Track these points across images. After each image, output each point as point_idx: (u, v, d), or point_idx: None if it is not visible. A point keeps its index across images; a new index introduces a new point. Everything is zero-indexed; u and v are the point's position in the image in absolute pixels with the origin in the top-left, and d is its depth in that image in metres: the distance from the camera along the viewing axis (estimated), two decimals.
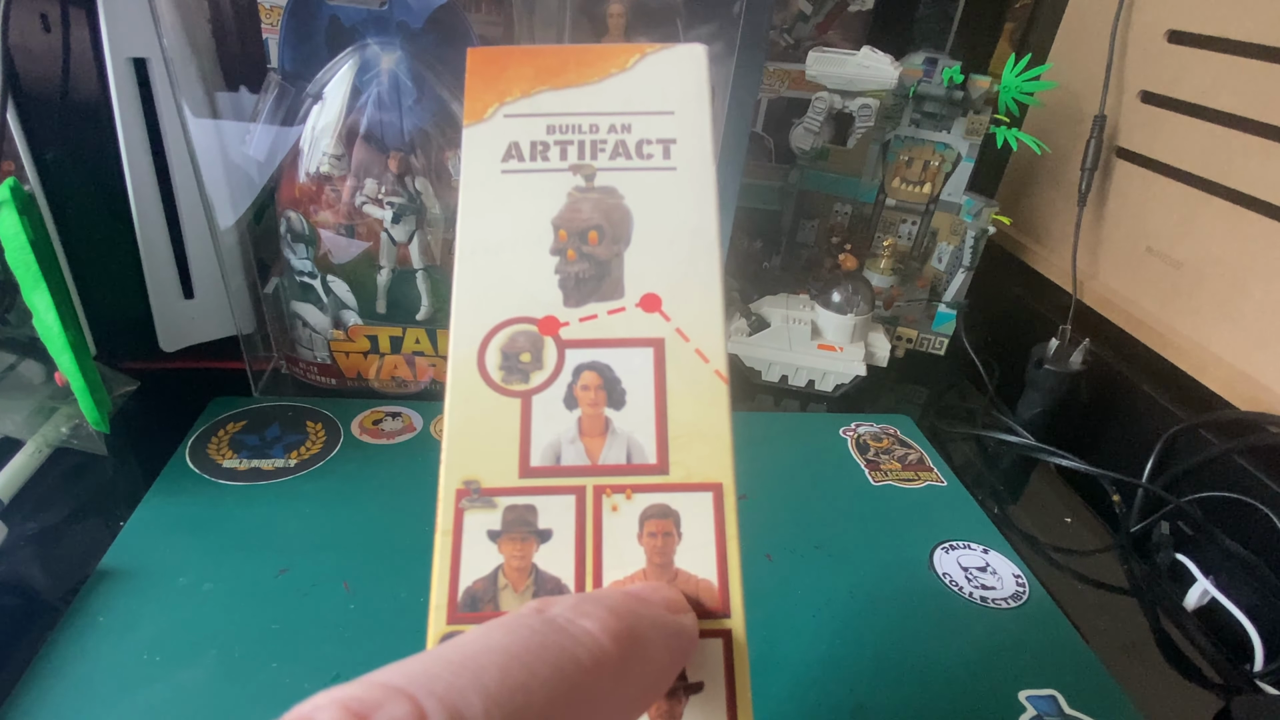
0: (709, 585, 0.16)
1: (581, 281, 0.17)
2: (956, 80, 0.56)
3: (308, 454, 0.45)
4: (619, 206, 0.18)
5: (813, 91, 0.60)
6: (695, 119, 0.19)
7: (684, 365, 0.17)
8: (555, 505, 0.16)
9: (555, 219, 0.18)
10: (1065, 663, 0.37)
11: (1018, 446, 0.55)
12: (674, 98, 0.19)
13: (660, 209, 0.18)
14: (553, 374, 0.17)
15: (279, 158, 0.45)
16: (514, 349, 0.17)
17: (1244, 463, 0.45)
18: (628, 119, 0.19)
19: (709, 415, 0.16)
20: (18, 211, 0.39)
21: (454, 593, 0.16)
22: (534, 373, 0.17)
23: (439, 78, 0.45)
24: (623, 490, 0.16)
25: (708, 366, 0.17)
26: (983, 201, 0.60)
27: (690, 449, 0.16)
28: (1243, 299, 0.49)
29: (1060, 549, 0.47)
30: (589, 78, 0.19)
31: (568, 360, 0.17)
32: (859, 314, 0.57)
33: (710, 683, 0.15)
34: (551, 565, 0.16)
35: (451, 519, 0.16)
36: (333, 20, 0.44)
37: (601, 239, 0.18)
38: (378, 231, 0.45)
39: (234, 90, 0.46)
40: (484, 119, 0.19)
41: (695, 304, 0.17)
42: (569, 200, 0.18)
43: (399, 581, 0.37)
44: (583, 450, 0.16)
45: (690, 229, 0.18)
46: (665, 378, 0.17)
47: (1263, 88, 0.48)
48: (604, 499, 0.16)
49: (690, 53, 0.19)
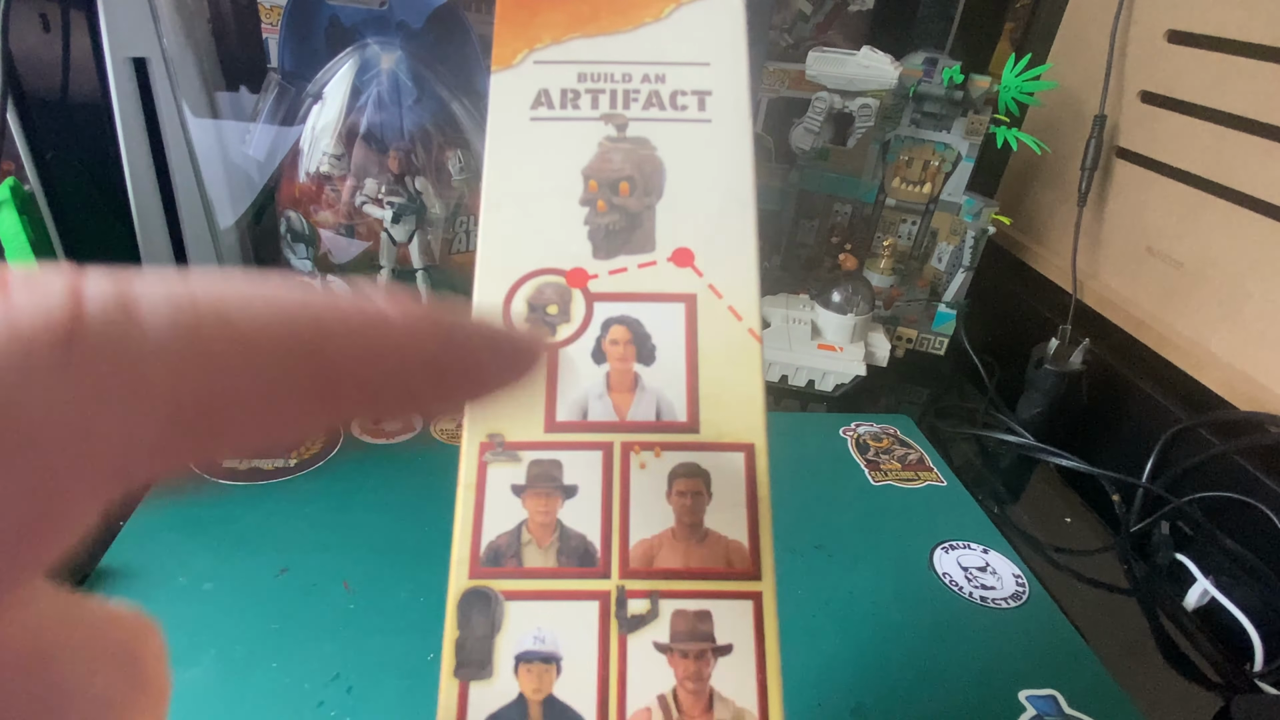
0: (739, 546, 0.16)
1: (612, 233, 0.17)
2: (956, 80, 0.56)
3: (308, 454, 0.45)
4: (651, 158, 0.17)
5: (813, 91, 0.60)
6: (732, 71, 0.18)
7: (716, 322, 0.16)
8: (581, 461, 0.16)
9: (585, 169, 0.17)
10: (1065, 663, 0.37)
11: (1018, 446, 0.55)
12: (710, 49, 0.18)
13: (694, 162, 0.17)
14: (581, 327, 0.16)
15: (279, 158, 0.45)
16: (541, 300, 0.16)
17: (1244, 463, 0.45)
18: (662, 69, 0.18)
19: (741, 374, 0.16)
20: (18, 211, 0.39)
21: (476, 547, 0.16)
22: (561, 325, 0.16)
23: (439, 78, 0.45)
24: (651, 448, 0.16)
25: (741, 325, 0.16)
26: (983, 201, 0.60)
27: (722, 408, 0.16)
28: (1243, 299, 0.49)
29: (1060, 549, 0.47)
30: (622, 25, 0.18)
31: (596, 313, 0.16)
32: (859, 314, 0.57)
33: (739, 645, 0.15)
34: (577, 522, 0.16)
35: (475, 473, 0.16)
36: (333, 20, 0.44)
37: (633, 190, 0.17)
38: (378, 231, 0.45)
39: (234, 90, 0.46)
40: (513, 65, 0.18)
41: (729, 260, 0.17)
42: (600, 150, 0.17)
43: (399, 581, 0.37)
44: (611, 406, 0.16)
45: (725, 184, 0.17)
46: (697, 334, 0.16)
47: (1263, 88, 0.48)
48: (632, 456, 0.16)
49: (727, 4, 0.19)
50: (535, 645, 0.15)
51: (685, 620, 0.15)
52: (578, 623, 0.15)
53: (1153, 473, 0.50)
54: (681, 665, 0.15)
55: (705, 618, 0.15)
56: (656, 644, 0.15)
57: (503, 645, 0.15)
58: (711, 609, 0.15)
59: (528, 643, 0.15)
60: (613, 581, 0.16)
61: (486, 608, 0.15)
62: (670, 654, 0.15)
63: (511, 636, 0.15)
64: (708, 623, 0.15)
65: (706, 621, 0.15)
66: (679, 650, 0.15)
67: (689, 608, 0.15)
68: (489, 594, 0.15)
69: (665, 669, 0.15)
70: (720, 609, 0.16)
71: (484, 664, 0.15)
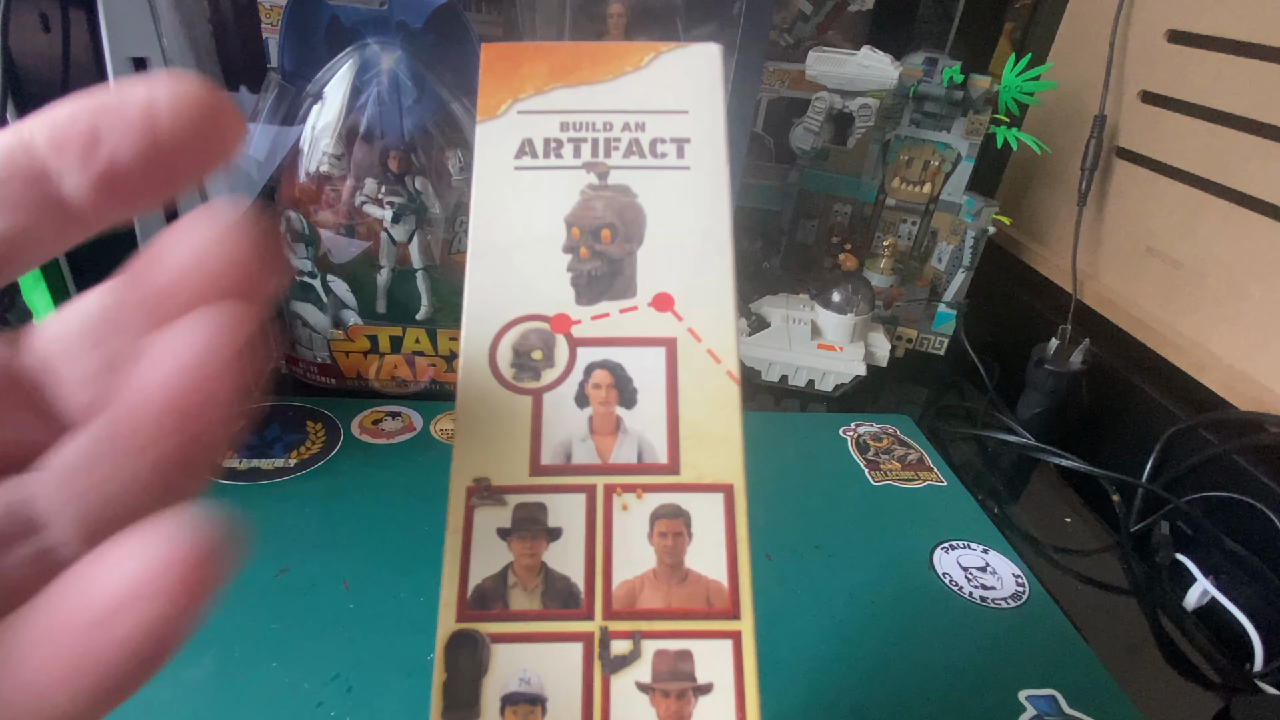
0: (719, 586, 0.16)
1: (594, 279, 0.17)
2: (956, 80, 0.56)
3: (307, 454, 0.45)
4: (632, 205, 0.18)
5: (813, 91, 0.60)
6: (709, 118, 0.19)
7: (696, 365, 0.17)
8: (566, 504, 0.16)
9: (568, 216, 0.18)
10: (1065, 663, 0.37)
11: (1018, 446, 0.55)
12: (688, 97, 0.19)
13: (673, 208, 0.18)
14: (564, 372, 0.17)
15: (279, 158, 0.45)
16: (525, 346, 0.17)
17: (1244, 463, 0.45)
18: (641, 117, 0.19)
19: (720, 416, 0.17)
20: None
21: (463, 590, 0.16)
22: (545, 370, 0.17)
23: (439, 78, 0.45)
24: (633, 489, 0.16)
25: (719, 367, 0.17)
26: (983, 201, 0.60)
27: (701, 449, 0.16)
28: (1243, 299, 0.49)
29: (1060, 549, 0.47)
30: (603, 75, 0.19)
31: (579, 358, 0.17)
32: (859, 314, 0.57)
33: (719, 684, 0.16)
34: (561, 564, 0.16)
35: (461, 516, 0.16)
36: (333, 20, 0.44)
37: (614, 237, 0.18)
38: (378, 231, 0.45)
39: (234, 90, 0.46)
40: (497, 115, 0.19)
41: (707, 305, 0.17)
42: (582, 198, 0.18)
43: (399, 581, 0.37)
44: (594, 449, 0.16)
45: (703, 229, 0.18)
46: (677, 377, 0.17)
47: (1263, 88, 0.48)
48: (614, 498, 0.16)
49: (705, 52, 0.19)
50: (521, 687, 0.15)
51: (666, 660, 0.16)
52: (562, 664, 0.16)
53: (1153, 473, 0.50)
54: (663, 704, 0.15)
55: (686, 657, 0.16)
56: (639, 684, 0.15)
57: (490, 687, 0.15)
58: (692, 648, 0.16)
59: (514, 685, 0.15)
60: (596, 623, 0.16)
61: (474, 651, 0.16)
62: (652, 693, 0.15)
63: (498, 679, 0.15)
64: (688, 662, 0.16)
65: (687, 661, 0.16)
66: (660, 690, 0.15)
67: (670, 647, 0.16)
68: (476, 637, 0.16)
69: (648, 709, 0.15)
70: (701, 648, 0.16)
71: (471, 705, 0.15)
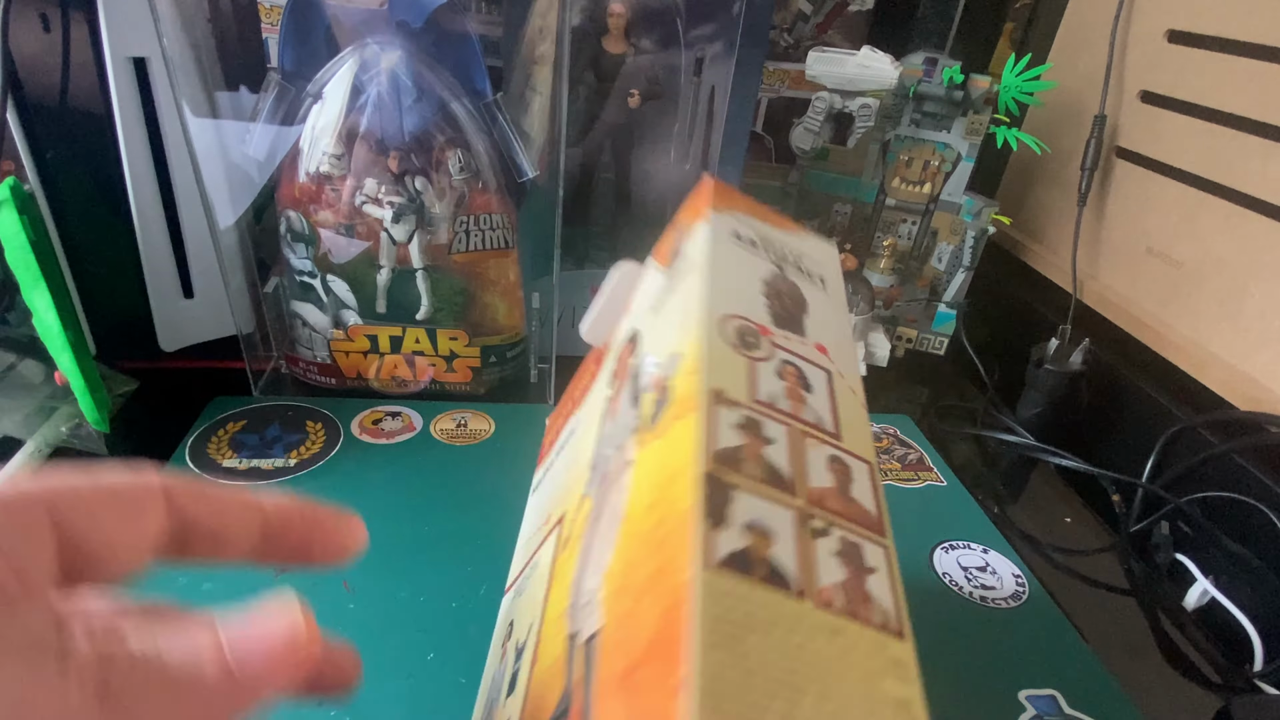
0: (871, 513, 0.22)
1: (779, 317, 0.26)
2: (956, 80, 0.56)
3: (308, 454, 0.45)
4: (798, 291, 0.28)
5: (813, 91, 0.60)
6: (835, 277, 0.31)
7: (842, 387, 0.25)
8: (774, 429, 0.22)
9: (763, 278, 0.27)
10: (1065, 663, 0.37)
11: (1018, 446, 0.55)
12: (825, 265, 0.31)
13: (819, 306, 0.28)
14: (767, 355, 0.23)
15: (279, 157, 0.45)
16: (743, 330, 0.24)
17: (1244, 463, 0.45)
18: (800, 252, 0.30)
19: (858, 418, 0.24)
20: (18, 211, 0.39)
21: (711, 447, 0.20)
22: (755, 350, 0.23)
23: (439, 78, 0.45)
24: (817, 438, 0.22)
25: (855, 396, 0.25)
26: (983, 201, 0.60)
27: (852, 432, 0.23)
28: (1243, 299, 0.49)
29: (1060, 549, 0.47)
30: (790, 227, 0.31)
31: (776, 354, 0.24)
32: (859, 314, 0.57)
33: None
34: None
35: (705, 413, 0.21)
36: (333, 20, 0.44)
37: (790, 300, 0.27)
38: (378, 231, 0.45)
39: (234, 90, 0.46)
40: (721, 211, 0.29)
41: (844, 359, 0.26)
42: (772, 272, 0.28)
43: (399, 581, 0.37)
44: (789, 406, 0.22)
45: (836, 323, 0.28)
46: (834, 391, 0.24)
47: (1263, 88, 0.48)
48: (805, 439, 0.21)
49: (829, 249, 0.32)
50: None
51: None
52: None
53: (1153, 473, 0.50)
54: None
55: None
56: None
57: None
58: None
59: None
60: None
61: None
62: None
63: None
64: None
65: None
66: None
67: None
68: None
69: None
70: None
71: None
